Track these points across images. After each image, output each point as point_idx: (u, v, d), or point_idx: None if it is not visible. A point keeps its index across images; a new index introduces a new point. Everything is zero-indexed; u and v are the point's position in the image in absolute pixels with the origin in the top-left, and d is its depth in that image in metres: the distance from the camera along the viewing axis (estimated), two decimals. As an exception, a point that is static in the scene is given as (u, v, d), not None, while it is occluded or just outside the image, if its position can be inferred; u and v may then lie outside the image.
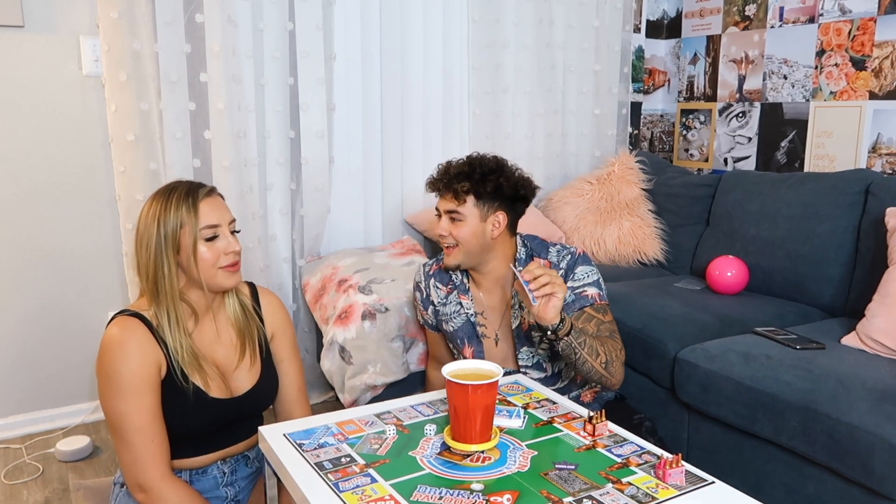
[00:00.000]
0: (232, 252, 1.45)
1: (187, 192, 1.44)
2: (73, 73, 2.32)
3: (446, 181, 1.76)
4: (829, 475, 1.68)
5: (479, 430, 1.22)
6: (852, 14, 2.70)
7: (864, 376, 1.71)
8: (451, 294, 1.89)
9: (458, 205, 1.74)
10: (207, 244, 1.43)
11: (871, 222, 2.25)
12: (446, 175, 1.77)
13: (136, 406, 1.37)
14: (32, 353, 2.41)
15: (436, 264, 1.94)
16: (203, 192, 1.46)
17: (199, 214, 1.42)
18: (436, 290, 1.92)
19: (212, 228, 1.44)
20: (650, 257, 2.84)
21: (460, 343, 1.89)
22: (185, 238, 1.42)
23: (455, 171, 1.76)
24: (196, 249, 1.43)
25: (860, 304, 2.04)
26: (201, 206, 1.43)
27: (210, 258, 1.43)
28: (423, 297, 1.96)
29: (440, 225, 1.78)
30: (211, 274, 1.45)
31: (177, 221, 1.42)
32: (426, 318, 1.99)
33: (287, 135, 2.55)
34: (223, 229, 1.46)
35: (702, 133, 3.36)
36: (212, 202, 1.46)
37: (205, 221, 1.43)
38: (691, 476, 1.20)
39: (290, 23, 2.48)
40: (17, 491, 2.07)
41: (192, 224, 1.42)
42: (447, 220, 1.77)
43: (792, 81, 2.93)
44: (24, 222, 2.33)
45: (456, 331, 1.89)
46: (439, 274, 1.92)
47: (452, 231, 1.76)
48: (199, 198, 1.44)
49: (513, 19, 2.91)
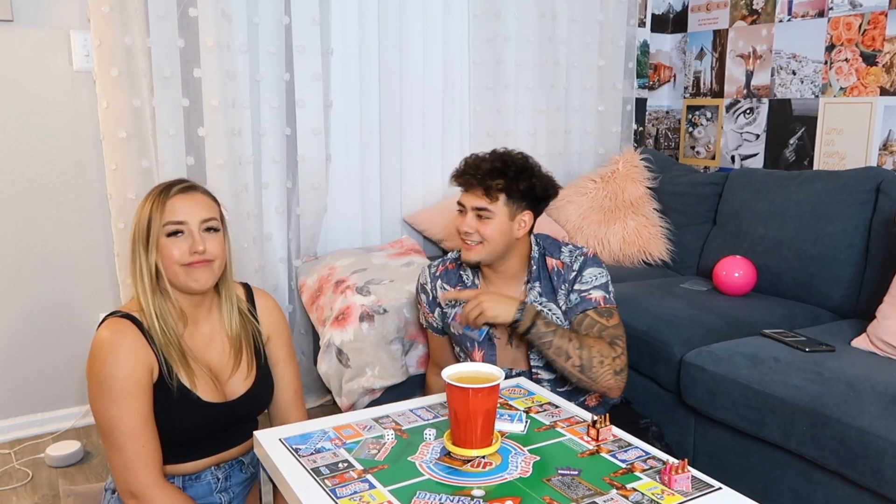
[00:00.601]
0: (195, 252, 1.43)
1: (164, 188, 1.46)
2: (64, 68, 2.32)
3: (479, 177, 1.73)
4: (838, 481, 1.68)
5: (479, 434, 1.22)
6: (863, 8, 2.69)
7: (874, 379, 1.71)
8: None
9: (489, 202, 1.72)
10: (169, 239, 1.43)
11: (882, 221, 2.25)
12: (478, 170, 1.73)
13: (127, 410, 1.37)
14: (21, 355, 2.40)
15: (441, 265, 1.93)
16: (178, 188, 1.46)
17: (165, 210, 1.43)
18: (443, 292, 1.89)
19: (175, 224, 1.43)
20: (655, 257, 2.84)
21: (470, 346, 1.87)
22: (154, 234, 1.43)
23: (488, 167, 1.73)
24: (158, 244, 1.43)
25: (871, 306, 2.04)
26: (171, 202, 1.43)
27: (171, 255, 1.43)
28: (429, 299, 1.93)
29: (465, 221, 1.76)
30: (173, 271, 1.44)
31: (147, 216, 1.44)
32: (431, 321, 1.97)
33: (283, 132, 2.55)
34: (190, 227, 1.44)
35: (708, 130, 3.36)
36: (185, 199, 1.45)
37: (169, 217, 1.43)
38: (697, 482, 1.20)
39: (286, 17, 2.48)
40: (6, 497, 2.06)
41: (159, 220, 1.43)
42: (473, 217, 1.75)
43: (801, 77, 2.93)
44: (12, 221, 2.33)
45: (464, 334, 1.85)
46: (446, 275, 1.91)
47: (479, 228, 1.74)
48: (170, 194, 1.44)
49: (514, 13, 2.91)
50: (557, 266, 1.81)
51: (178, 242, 1.43)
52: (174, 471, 1.49)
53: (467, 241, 1.77)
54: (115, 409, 1.37)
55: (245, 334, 1.58)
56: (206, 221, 1.46)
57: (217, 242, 1.47)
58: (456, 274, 1.90)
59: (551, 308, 1.78)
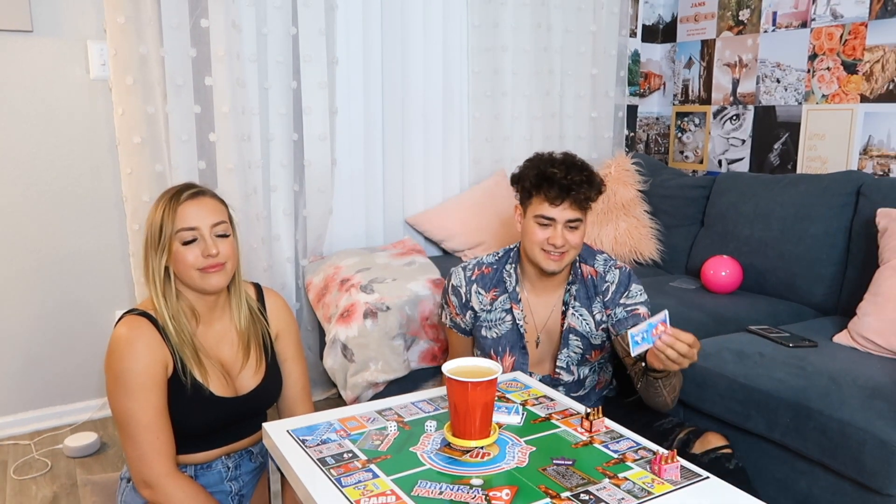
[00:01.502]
0: (208, 255, 1.43)
1: (174, 194, 1.45)
2: (81, 76, 2.32)
3: (582, 191, 1.62)
4: (821, 470, 1.68)
5: (478, 426, 1.22)
6: (844, 19, 2.70)
7: (855, 373, 1.71)
8: (498, 301, 1.79)
9: (582, 213, 1.66)
10: (185, 247, 1.42)
11: (862, 223, 2.25)
12: (572, 184, 1.61)
13: (142, 404, 1.37)
14: (41, 351, 2.41)
15: (477, 270, 1.82)
16: (187, 194, 1.45)
17: (177, 216, 1.42)
18: (477, 297, 1.81)
19: (189, 231, 1.42)
20: (646, 257, 2.84)
21: (502, 350, 1.80)
22: (166, 239, 1.42)
23: (579, 178, 1.62)
24: (172, 250, 1.43)
25: (852, 303, 2.04)
26: (182, 208, 1.42)
27: (185, 260, 1.42)
28: (462, 301, 1.83)
29: (556, 235, 1.64)
30: (189, 276, 1.44)
31: (158, 222, 1.43)
32: (458, 321, 1.86)
33: (290, 138, 2.55)
34: (202, 232, 1.43)
35: (696, 135, 3.36)
36: (195, 204, 1.44)
37: (181, 224, 1.42)
38: (686, 471, 1.20)
39: (294, 28, 2.48)
40: (26, 486, 2.07)
41: (170, 226, 1.42)
42: (564, 229, 1.64)
43: (785, 85, 2.93)
44: (32, 223, 2.33)
45: (499, 338, 1.79)
46: (482, 279, 1.81)
47: (570, 239, 1.65)
48: (180, 200, 1.43)
49: (511, 24, 2.91)
50: (591, 274, 1.76)
51: (191, 248, 1.43)
52: (186, 460, 1.49)
53: (555, 254, 1.66)
54: (131, 402, 1.37)
55: (255, 332, 1.58)
56: (217, 226, 1.46)
57: (228, 245, 1.47)
58: (494, 278, 1.80)
59: (582, 314, 1.75)
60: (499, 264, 1.82)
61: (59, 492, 2.03)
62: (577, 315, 1.75)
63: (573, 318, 1.75)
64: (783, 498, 1.77)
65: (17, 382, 2.39)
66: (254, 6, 2.37)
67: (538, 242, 1.67)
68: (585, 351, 1.76)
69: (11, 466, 2.18)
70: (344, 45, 2.64)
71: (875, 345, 1.87)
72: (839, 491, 1.64)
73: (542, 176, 1.65)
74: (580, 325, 1.75)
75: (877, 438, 1.52)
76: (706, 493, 1.13)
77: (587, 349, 1.76)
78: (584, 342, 1.76)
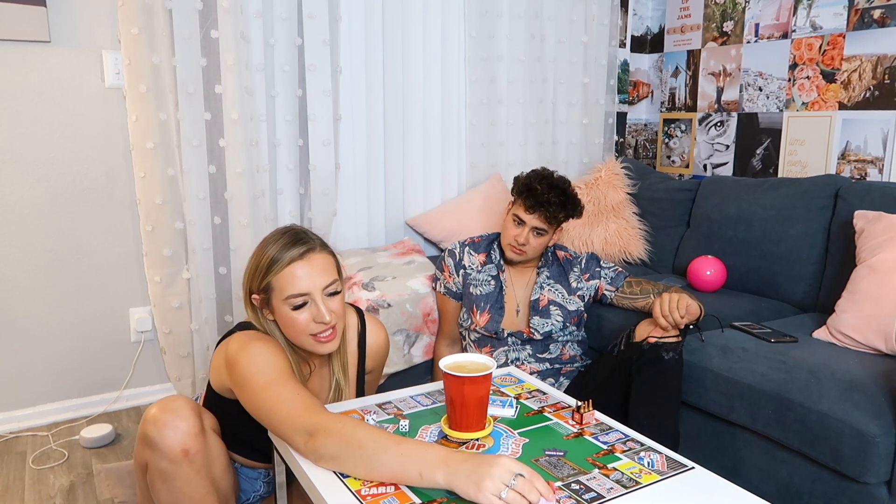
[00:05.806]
0: (321, 322, 1.28)
1: (282, 248, 1.27)
2: (97, 85, 2.31)
3: (548, 208, 1.92)
4: (801, 459, 1.68)
5: (474, 419, 1.22)
6: (823, 30, 2.69)
7: (833, 367, 1.71)
8: (487, 266, 2.09)
9: (548, 226, 1.98)
10: (295, 311, 1.27)
11: (840, 224, 2.25)
12: (550, 204, 1.92)
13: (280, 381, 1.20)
14: (58, 346, 2.40)
15: (469, 239, 2.14)
16: (297, 253, 1.27)
17: (284, 279, 1.26)
18: (469, 256, 2.11)
19: (299, 297, 1.27)
20: (635, 257, 2.83)
21: (482, 306, 2.05)
22: (272, 297, 1.28)
23: (556, 201, 1.92)
24: (280, 313, 1.28)
25: (830, 301, 2.03)
26: (290, 270, 1.26)
27: (296, 326, 1.28)
28: (456, 261, 2.12)
29: (522, 234, 1.97)
30: (300, 340, 1.32)
31: (263, 278, 1.28)
32: (450, 285, 2.13)
33: (296, 143, 2.54)
34: (314, 296, 1.27)
35: (683, 141, 3.35)
36: (306, 265, 1.27)
37: (291, 290, 1.26)
38: (672, 462, 1.19)
39: (299, 38, 2.48)
40: (44, 475, 2.06)
41: (279, 288, 1.26)
42: (530, 232, 1.97)
43: (767, 93, 2.92)
44: (50, 224, 2.32)
45: (481, 296, 2.06)
46: (473, 245, 2.13)
47: (532, 241, 1.98)
48: (287, 261, 1.26)
49: (507, 35, 2.91)
50: (566, 256, 2.13)
51: (302, 312, 1.28)
52: (236, 458, 1.47)
53: (517, 247, 1.99)
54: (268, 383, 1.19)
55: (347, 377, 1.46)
56: (328, 287, 1.30)
57: (338, 303, 1.32)
58: (483, 246, 2.12)
59: (557, 288, 2.07)
60: (486, 240, 2.15)
61: (75, 481, 2.03)
62: (554, 290, 2.07)
63: (551, 293, 2.06)
64: (765, 485, 1.76)
65: (35, 376, 2.38)
66: (261, 18, 2.37)
67: (508, 237, 2.02)
68: (566, 318, 2.05)
69: (30, 457, 2.17)
70: (347, 55, 2.63)
71: (852, 340, 1.86)
72: (818, 479, 1.64)
73: (528, 186, 1.96)
74: (557, 297, 2.06)
75: (854, 429, 1.52)
76: (691, 482, 1.13)
77: (566, 317, 2.05)
78: (562, 311, 2.05)
